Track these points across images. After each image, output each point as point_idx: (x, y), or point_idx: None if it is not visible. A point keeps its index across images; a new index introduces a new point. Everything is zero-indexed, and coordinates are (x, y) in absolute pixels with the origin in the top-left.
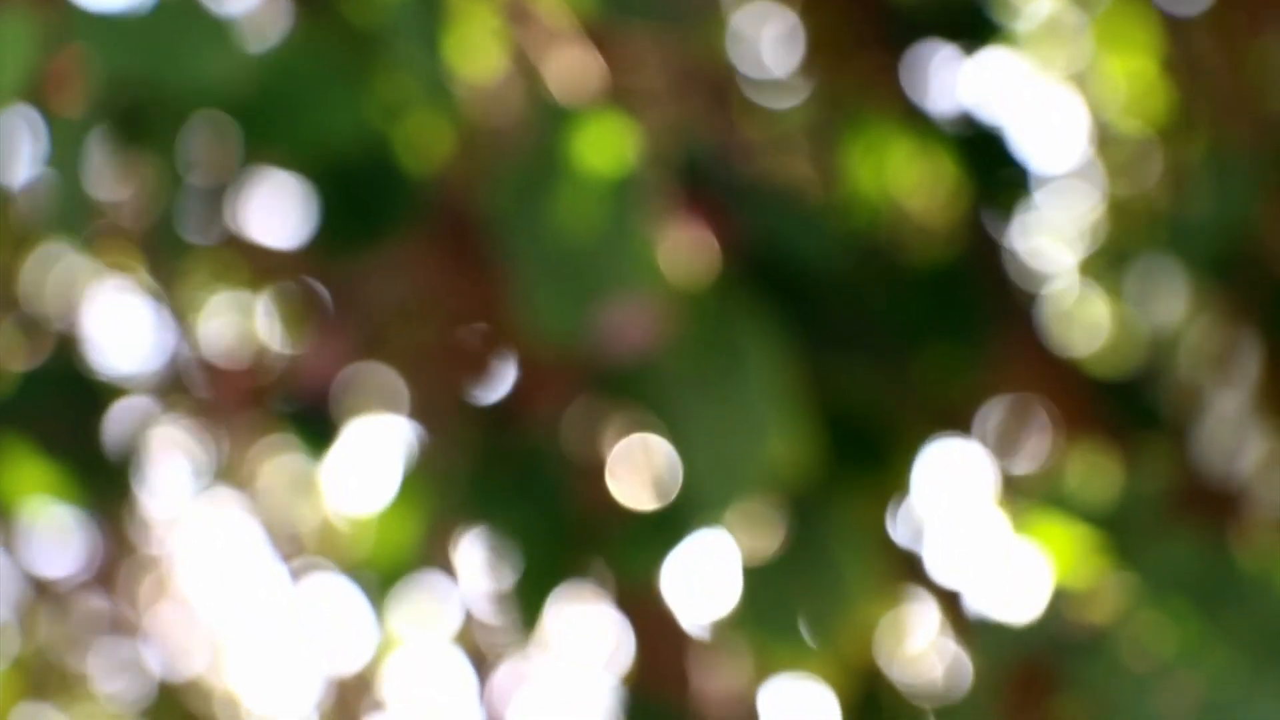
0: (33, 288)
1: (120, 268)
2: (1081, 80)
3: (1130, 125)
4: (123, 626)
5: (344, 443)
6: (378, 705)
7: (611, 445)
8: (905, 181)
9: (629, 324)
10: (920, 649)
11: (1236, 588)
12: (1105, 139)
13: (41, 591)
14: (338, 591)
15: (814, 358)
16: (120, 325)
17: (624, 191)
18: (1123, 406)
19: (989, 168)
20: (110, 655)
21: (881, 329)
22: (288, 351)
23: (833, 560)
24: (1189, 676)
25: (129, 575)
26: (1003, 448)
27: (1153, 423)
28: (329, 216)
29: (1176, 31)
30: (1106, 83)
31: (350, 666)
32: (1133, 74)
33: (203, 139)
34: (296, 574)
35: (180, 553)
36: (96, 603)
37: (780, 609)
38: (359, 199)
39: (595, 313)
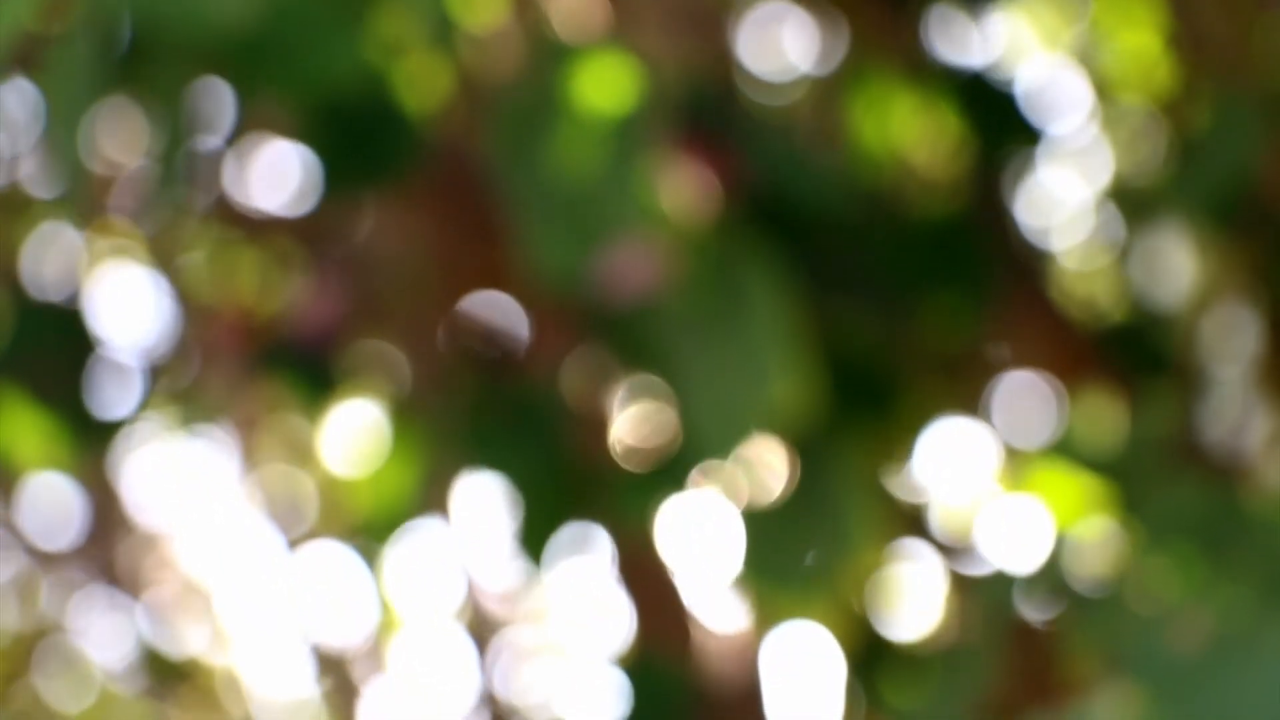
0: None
1: (115, 232)
2: (1086, 54)
3: (1134, 98)
4: (121, 600)
5: (342, 396)
6: (378, 678)
7: (613, 391)
8: (910, 136)
9: (630, 266)
10: (923, 600)
11: (1242, 529)
12: (1109, 113)
13: (41, 563)
14: (338, 563)
15: (817, 301)
16: (117, 289)
17: (625, 131)
18: (1126, 354)
19: (994, 123)
20: (108, 629)
21: (885, 277)
22: (285, 299)
23: (836, 505)
24: (1197, 613)
25: (127, 548)
26: (1007, 397)
27: (1157, 369)
28: (328, 158)
29: (1181, 4)
30: (1111, 56)
31: (351, 640)
32: (1138, 47)
33: (202, 95)
34: (296, 544)
35: (178, 522)
36: (95, 575)
37: (783, 555)
38: (358, 140)
39: (596, 255)
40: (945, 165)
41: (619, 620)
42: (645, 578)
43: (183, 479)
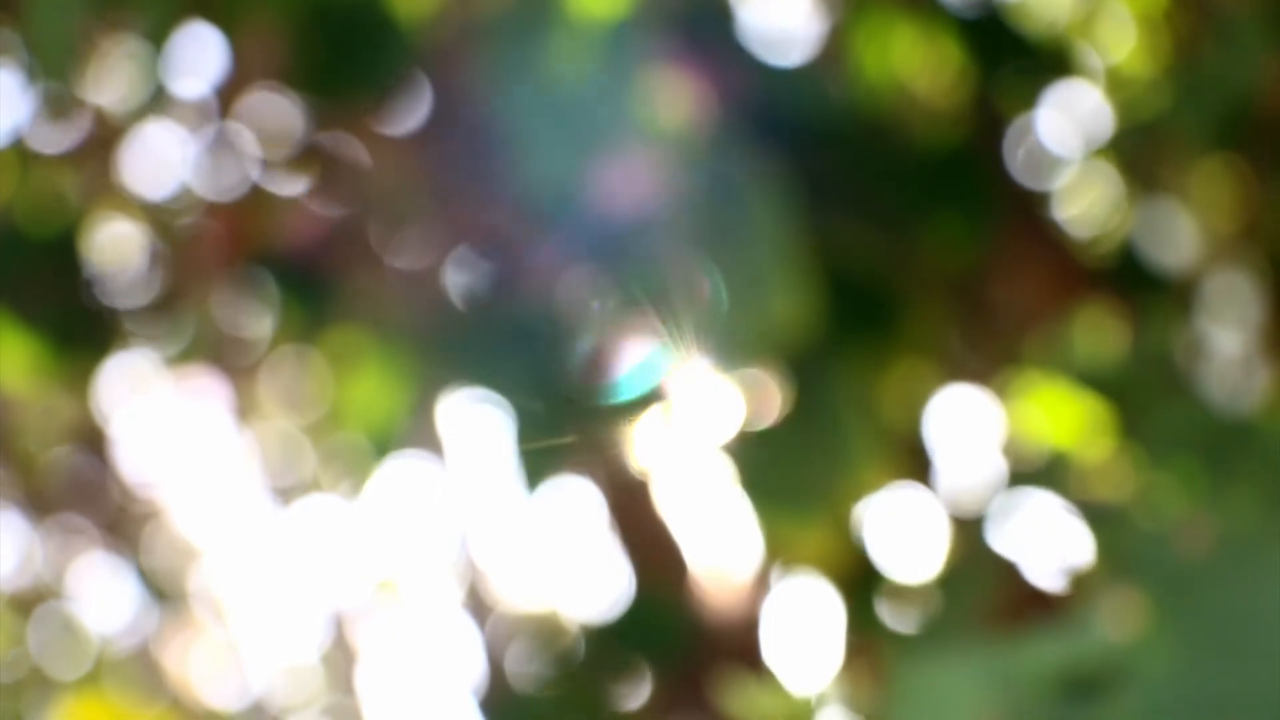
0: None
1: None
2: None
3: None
4: (115, 561)
5: (331, 311)
6: (378, 639)
7: (608, 310)
8: (911, 67)
9: (625, 177)
10: (920, 526)
11: (1244, 441)
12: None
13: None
14: (335, 518)
15: (816, 219)
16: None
17: (620, 41)
18: (1126, 279)
19: (996, 55)
20: (104, 590)
21: (885, 200)
22: (277, 215)
23: (834, 424)
24: (1201, 522)
25: (120, 503)
26: (1007, 320)
27: (1157, 288)
28: (318, 68)
29: None
30: (1116, 22)
31: (349, 599)
32: (1141, 14)
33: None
34: (292, 498)
35: (170, 476)
36: (89, 532)
37: (781, 475)
38: (348, 49)
39: (590, 167)
40: (946, 96)
41: (612, 556)
42: (638, 511)
43: (175, 429)
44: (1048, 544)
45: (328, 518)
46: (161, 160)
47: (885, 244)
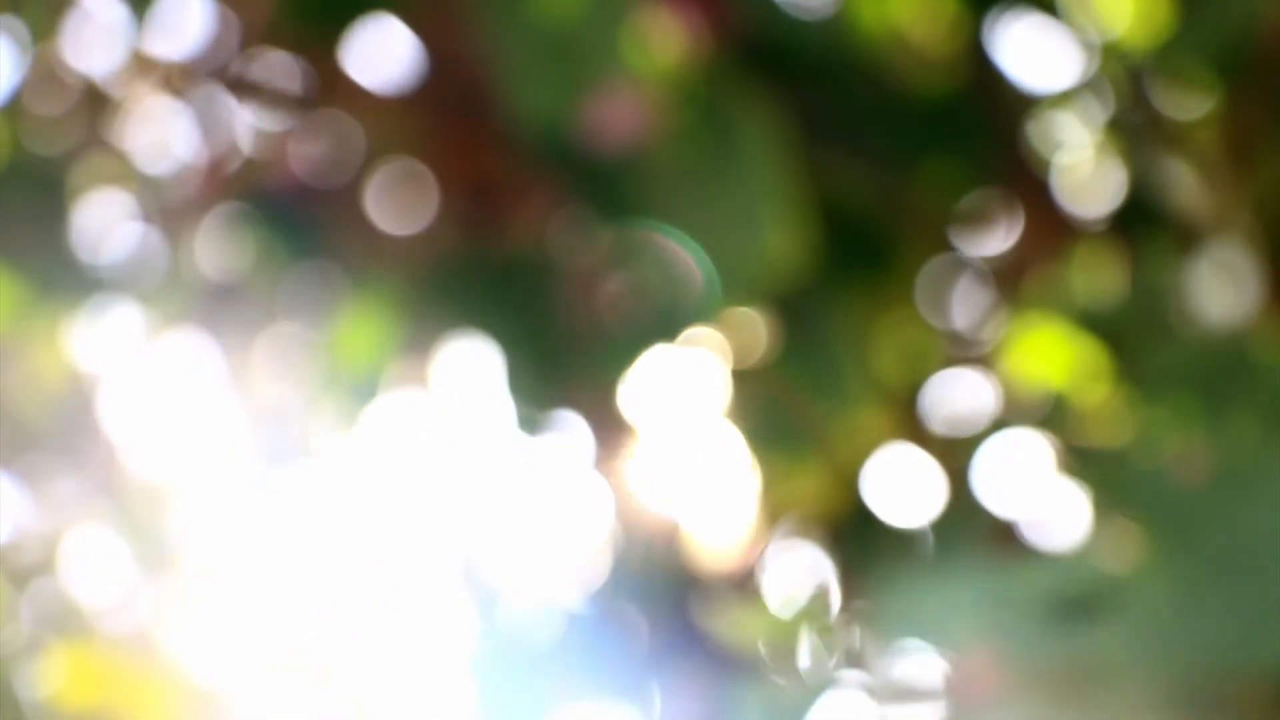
0: None
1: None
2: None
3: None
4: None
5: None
6: (371, 615)
7: (600, 248)
8: (907, 12)
9: (617, 114)
10: (915, 472)
11: (1242, 375)
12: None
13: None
14: (330, 489)
15: (812, 154)
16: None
17: None
18: (1123, 220)
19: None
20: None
21: (880, 141)
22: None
23: (829, 361)
24: (1199, 452)
25: (115, 478)
26: (1002, 263)
27: (1155, 230)
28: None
29: None
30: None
31: (343, 571)
32: None
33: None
34: (286, 466)
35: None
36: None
37: (774, 414)
38: None
39: (582, 102)
40: (942, 43)
41: (600, 507)
42: (630, 456)
43: (163, 390)
44: (1043, 487)
45: (321, 485)
46: (149, 121)
47: (881, 184)
